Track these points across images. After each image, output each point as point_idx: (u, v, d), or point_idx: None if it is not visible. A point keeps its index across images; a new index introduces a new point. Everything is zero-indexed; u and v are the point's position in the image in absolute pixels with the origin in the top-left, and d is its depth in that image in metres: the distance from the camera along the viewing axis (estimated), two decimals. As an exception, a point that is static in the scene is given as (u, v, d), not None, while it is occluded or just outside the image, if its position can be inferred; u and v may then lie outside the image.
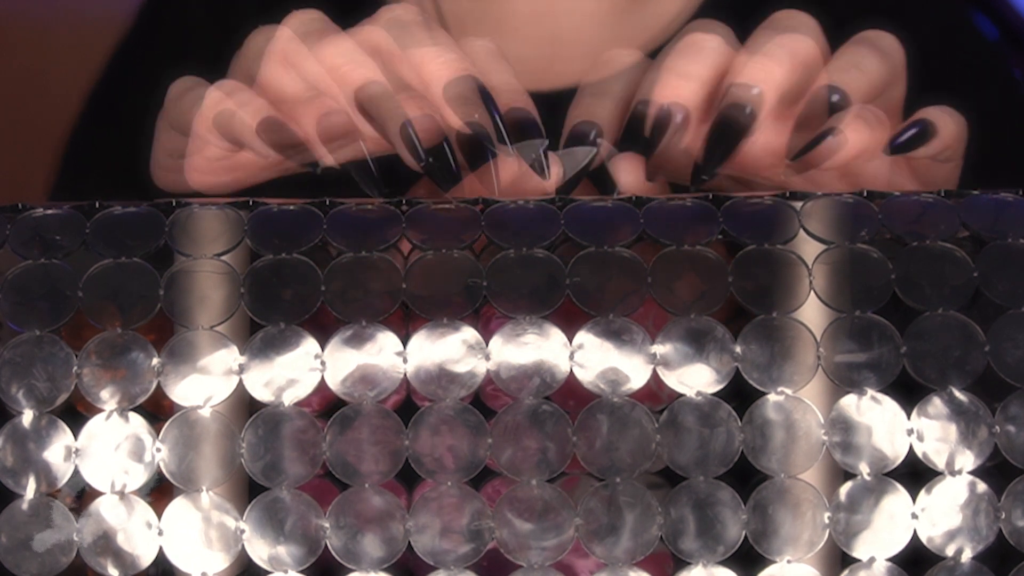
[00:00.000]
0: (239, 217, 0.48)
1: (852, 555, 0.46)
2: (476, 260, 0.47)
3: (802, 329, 0.46)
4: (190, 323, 0.46)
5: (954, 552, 0.46)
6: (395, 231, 0.47)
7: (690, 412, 0.46)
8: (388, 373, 0.46)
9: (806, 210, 0.48)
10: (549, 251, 0.47)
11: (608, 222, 0.48)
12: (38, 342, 0.46)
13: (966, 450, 0.46)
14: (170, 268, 0.47)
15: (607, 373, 0.46)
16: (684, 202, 0.49)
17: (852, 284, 0.47)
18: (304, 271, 0.47)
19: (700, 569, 0.46)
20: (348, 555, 0.45)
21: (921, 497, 0.46)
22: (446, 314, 0.46)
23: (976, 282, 0.47)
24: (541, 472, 0.46)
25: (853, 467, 0.46)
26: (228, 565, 0.46)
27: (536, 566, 0.45)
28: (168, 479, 0.46)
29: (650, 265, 0.47)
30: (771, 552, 0.46)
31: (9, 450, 0.46)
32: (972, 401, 0.46)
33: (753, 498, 0.46)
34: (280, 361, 0.46)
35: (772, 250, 0.47)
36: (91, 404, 0.46)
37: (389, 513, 0.45)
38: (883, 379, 0.46)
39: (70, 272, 0.47)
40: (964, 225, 0.48)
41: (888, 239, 0.48)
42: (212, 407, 0.46)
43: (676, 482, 0.46)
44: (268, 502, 0.46)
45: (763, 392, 0.46)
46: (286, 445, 0.46)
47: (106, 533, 0.45)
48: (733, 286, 0.46)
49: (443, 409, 0.46)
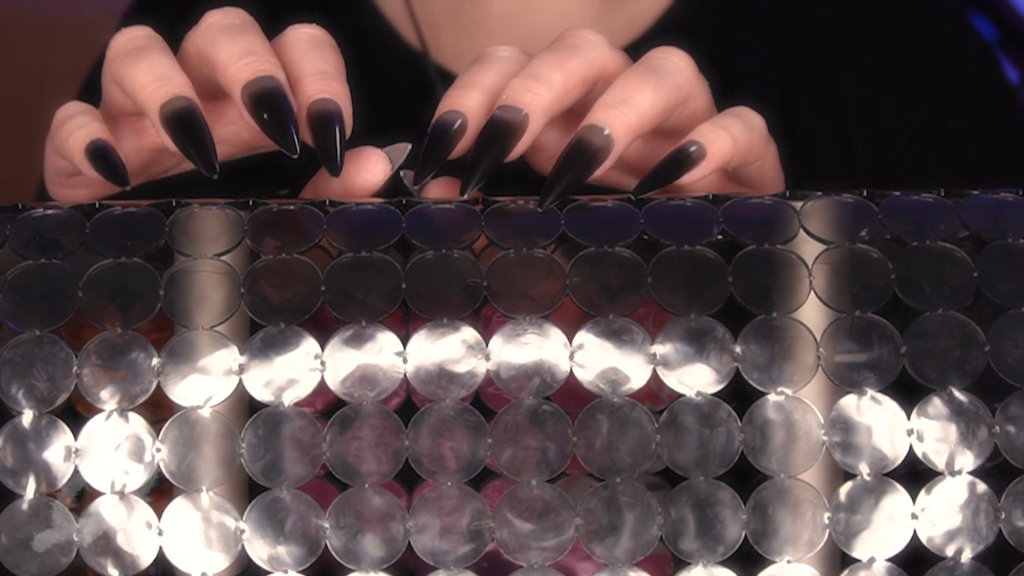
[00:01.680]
0: (239, 217, 0.48)
1: (852, 555, 0.46)
2: (476, 260, 0.47)
3: (802, 329, 0.46)
4: (190, 323, 0.46)
5: (954, 552, 0.46)
6: (395, 231, 0.47)
7: (690, 412, 0.46)
8: (388, 373, 0.46)
9: (806, 210, 0.48)
10: (549, 251, 0.47)
11: (608, 222, 0.48)
12: (38, 342, 0.46)
13: (966, 450, 0.46)
14: (170, 268, 0.47)
15: (607, 373, 0.46)
16: (684, 202, 0.49)
17: (852, 284, 0.47)
18: (304, 271, 0.47)
19: (700, 569, 0.46)
20: (348, 555, 0.45)
21: (921, 497, 0.46)
22: (446, 314, 0.46)
23: (976, 282, 0.47)
24: (541, 472, 0.46)
25: (853, 467, 0.46)
26: (228, 565, 0.46)
27: (536, 566, 0.45)
28: (168, 479, 0.46)
29: (650, 265, 0.47)
30: (771, 552, 0.46)
31: (9, 450, 0.46)
32: (972, 401, 0.46)
33: (753, 498, 0.46)
34: (280, 361, 0.46)
35: (772, 250, 0.47)
36: (91, 404, 0.46)
37: (389, 513, 0.45)
38: (883, 379, 0.46)
39: (70, 272, 0.47)
40: (964, 225, 0.48)
41: (888, 239, 0.48)
42: (212, 407, 0.46)
43: (676, 482, 0.46)
44: (268, 502, 0.46)
45: (763, 392, 0.46)
46: (286, 445, 0.46)
47: (106, 533, 0.45)
48: (733, 286, 0.47)
49: (443, 409, 0.46)
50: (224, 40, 0.51)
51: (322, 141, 0.49)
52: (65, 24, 1.29)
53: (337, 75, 0.51)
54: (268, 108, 0.49)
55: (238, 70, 0.50)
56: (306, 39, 0.52)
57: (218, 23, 0.52)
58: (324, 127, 0.50)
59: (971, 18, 0.93)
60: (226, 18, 0.52)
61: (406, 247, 0.48)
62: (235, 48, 0.50)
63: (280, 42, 0.52)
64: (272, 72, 0.50)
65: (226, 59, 0.50)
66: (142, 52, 0.51)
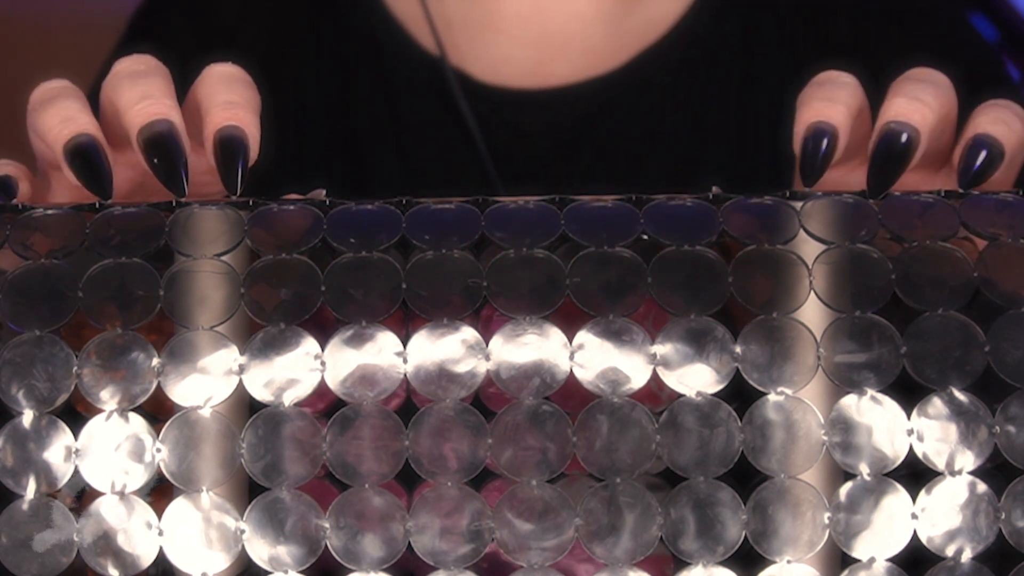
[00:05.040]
0: (239, 217, 0.48)
1: (852, 555, 0.46)
2: (476, 260, 0.47)
3: (802, 329, 0.46)
4: (190, 323, 0.46)
5: (954, 552, 0.46)
6: (395, 231, 0.47)
7: (690, 412, 0.46)
8: (388, 373, 0.46)
9: (806, 210, 0.48)
10: (549, 251, 0.47)
11: (608, 222, 0.48)
12: (38, 342, 0.46)
13: (966, 450, 0.46)
14: (170, 268, 0.47)
15: (607, 373, 0.46)
16: (684, 202, 0.49)
17: (852, 284, 0.47)
18: (304, 271, 0.47)
19: (700, 569, 0.46)
20: (348, 555, 0.45)
21: (921, 497, 0.46)
22: (446, 314, 0.46)
23: (976, 282, 0.47)
24: (541, 472, 0.46)
25: (853, 467, 0.46)
26: (228, 565, 0.46)
27: (536, 567, 0.45)
28: (168, 479, 0.46)
29: (650, 265, 0.47)
30: (771, 552, 0.46)
31: (9, 450, 0.46)
32: (972, 401, 0.46)
33: (753, 498, 0.46)
34: (280, 361, 0.46)
35: (772, 250, 0.47)
36: (91, 404, 0.46)
37: (389, 513, 0.45)
38: (883, 379, 0.46)
39: (70, 272, 0.47)
40: (964, 225, 0.48)
41: (888, 239, 0.48)
42: (212, 407, 0.46)
43: (676, 482, 0.46)
44: (268, 502, 0.46)
45: (763, 392, 0.46)
46: (286, 445, 0.46)
47: (106, 533, 0.45)
48: (733, 286, 0.47)
49: (443, 409, 0.46)
50: (125, 86, 0.52)
51: (224, 167, 0.51)
52: (65, 24, 1.29)
53: (245, 106, 0.52)
54: (158, 152, 0.50)
55: (134, 115, 0.51)
56: (219, 75, 0.54)
57: (124, 70, 0.54)
58: (227, 153, 0.51)
59: (971, 18, 0.93)
60: (132, 65, 0.54)
61: (406, 247, 0.48)
62: (133, 93, 0.52)
63: (198, 80, 0.54)
64: (165, 115, 0.51)
65: (125, 104, 0.52)
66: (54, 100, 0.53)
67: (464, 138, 0.77)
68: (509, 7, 0.78)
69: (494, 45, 0.79)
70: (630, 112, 0.78)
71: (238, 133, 0.51)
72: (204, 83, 0.53)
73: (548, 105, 0.78)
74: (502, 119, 0.78)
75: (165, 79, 0.53)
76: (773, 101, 0.72)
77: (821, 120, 0.52)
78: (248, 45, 0.80)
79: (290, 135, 0.78)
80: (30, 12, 1.31)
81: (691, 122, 0.78)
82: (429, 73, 0.79)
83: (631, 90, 0.78)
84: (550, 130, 0.78)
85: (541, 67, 0.78)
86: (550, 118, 0.78)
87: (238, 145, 0.51)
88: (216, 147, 0.51)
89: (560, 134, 0.78)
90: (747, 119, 0.78)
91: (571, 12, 0.78)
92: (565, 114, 0.78)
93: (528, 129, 0.78)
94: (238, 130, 0.51)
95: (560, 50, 0.78)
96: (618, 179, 0.65)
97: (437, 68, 0.78)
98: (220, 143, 0.51)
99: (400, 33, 0.79)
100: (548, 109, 0.78)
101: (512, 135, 0.78)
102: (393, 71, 0.80)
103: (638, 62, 0.78)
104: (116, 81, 0.53)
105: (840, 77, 0.54)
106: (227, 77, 0.54)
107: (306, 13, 0.81)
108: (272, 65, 0.79)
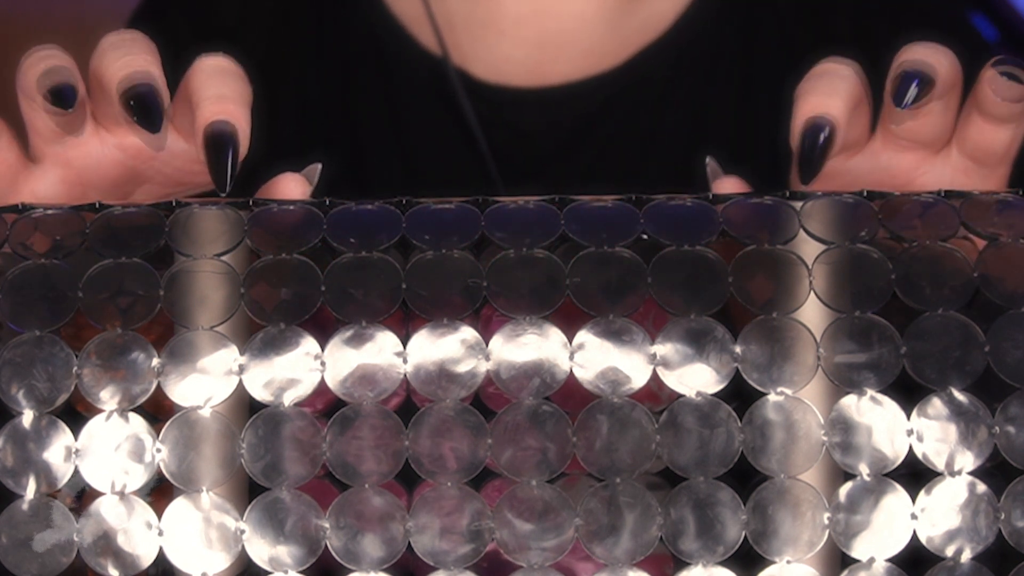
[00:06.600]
0: (239, 217, 0.48)
1: (852, 555, 0.46)
2: (476, 260, 0.47)
3: (802, 329, 0.46)
4: (190, 323, 0.46)
5: (954, 552, 0.46)
6: (395, 231, 0.47)
7: (690, 412, 0.46)
8: (388, 373, 0.46)
9: (806, 210, 0.48)
10: (549, 251, 0.47)
11: (608, 222, 0.48)
12: (38, 342, 0.46)
13: (966, 451, 0.46)
14: (170, 268, 0.47)
15: (607, 373, 0.46)
16: (684, 202, 0.49)
17: (852, 284, 0.47)
18: (304, 271, 0.47)
19: (700, 569, 0.46)
20: (348, 555, 0.45)
21: (921, 497, 0.46)
22: (446, 314, 0.46)
23: (976, 282, 0.47)
24: (541, 472, 0.46)
25: (853, 467, 0.46)
26: (228, 565, 0.46)
27: (536, 566, 0.45)
28: (168, 479, 0.46)
29: (650, 265, 0.47)
30: (771, 552, 0.46)
31: (9, 450, 0.46)
32: (972, 401, 0.46)
33: (753, 499, 0.46)
34: (280, 361, 0.46)
35: (772, 250, 0.47)
36: (91, 404, 0.46)
37: (389, 513, 0.45)
38: (883, 379, 0.46)
39: (70, 272, 0.47)
40: (964, 225, 0.48)
41: (888, 239, 0.48)
42: (212, 407, 0.46)
43: (676, 482, 0.46)
44: (268, 502, 0.46)
45: (763, 392, 0.46)
46: (286, 445, 0.46)
47: (106, 533, 0.45)
48: (733, 286, 0.47)
49: (443, 409, 0.46)
50: (108, 54, 0.53)
51: (214, 160, 0.51)
52: (65, 24, 1.29)
53: (235, 99, 0.52)
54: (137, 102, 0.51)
55: (113, 72, 0.52)
56: (210, 68, 0.54)
57: (108, 42, 0.54)
58: (216, 146, 0.51)
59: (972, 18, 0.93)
60: (117, 36, 0.54)
61: (406, 247, 0.48)
62: (115, 55, 0.53)
63: (188, 72, 0.54)
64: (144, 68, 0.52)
65: (107, 66, 0.53)
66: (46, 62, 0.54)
67: (464, 138, 0.77)
68: (510, 7, 0.78)
69: (495, 45, 0.79)
70: (630, 111, 0.78)
71: (227, 128, 0.51)
72: (195, 75, 0.53)
73: (548, 104, 0.78)
74: (502, 119, 0.78)
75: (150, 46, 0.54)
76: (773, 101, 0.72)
77: (819, 114, 0.52)
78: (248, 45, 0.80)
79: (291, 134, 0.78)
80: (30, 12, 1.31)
81: (691, 122, 0.78)
82: (430, 73, 0.79)
83: (631, 89, 0.78)
84: (550, 130, 0.78)
85: (541, 67, 0.78)
86: (550, 118, 0.78)
87: (227, 139, 0.51)
88: (206, 141, 0.51)
89: (560, 134, 0.78)
90: (747, 119, 0.78)
91: (571, 12, 0.78)
92: (565, 114, 0.78)
93: (528, 129, 0.78)
94: (228, 124, 0.51)
95: (560, 49, 0.78)
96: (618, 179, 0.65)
97: (438, 68, 0.78)
98: (209, 137, 0.51)
99: (401, 33, 0.79)
100: (548, 109, 0.78)
101: (512, 135, 0.78)
102: (394, 71, 0.80)
103: (638, 61, 0.78)
104: (100, 52, 0.54)
105: (839, 68, 0.54)
106: (218, 70, 0.53)
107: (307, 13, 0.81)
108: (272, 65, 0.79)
